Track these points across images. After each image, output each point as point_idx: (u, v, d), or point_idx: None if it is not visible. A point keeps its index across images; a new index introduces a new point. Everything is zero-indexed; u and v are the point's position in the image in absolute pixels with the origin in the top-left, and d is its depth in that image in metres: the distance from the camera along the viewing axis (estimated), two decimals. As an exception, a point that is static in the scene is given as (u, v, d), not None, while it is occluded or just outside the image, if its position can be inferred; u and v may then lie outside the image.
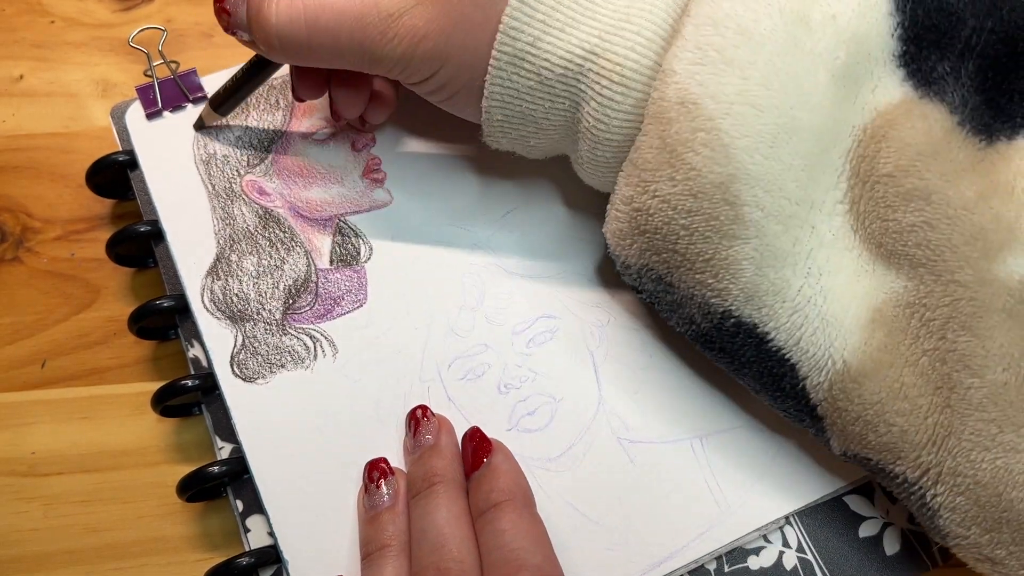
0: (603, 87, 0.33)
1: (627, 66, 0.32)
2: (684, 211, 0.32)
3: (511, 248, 0.42)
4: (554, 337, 0.40)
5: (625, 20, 0.33)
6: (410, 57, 0.34)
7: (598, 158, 0.35)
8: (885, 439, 0.33)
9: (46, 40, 0.48)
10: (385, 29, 0.34)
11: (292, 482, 0.37)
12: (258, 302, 0.40)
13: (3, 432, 0.41)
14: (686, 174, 0.31)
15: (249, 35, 0.36)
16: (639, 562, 0.37)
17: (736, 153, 0.31)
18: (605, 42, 0.33)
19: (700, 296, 0.34)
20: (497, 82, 0.34)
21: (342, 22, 0.34)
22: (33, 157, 0.45)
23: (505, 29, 0.33)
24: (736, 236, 0.32)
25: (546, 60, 0.33)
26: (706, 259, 0.32)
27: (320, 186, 0.42)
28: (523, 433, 0.38)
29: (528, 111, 0.35)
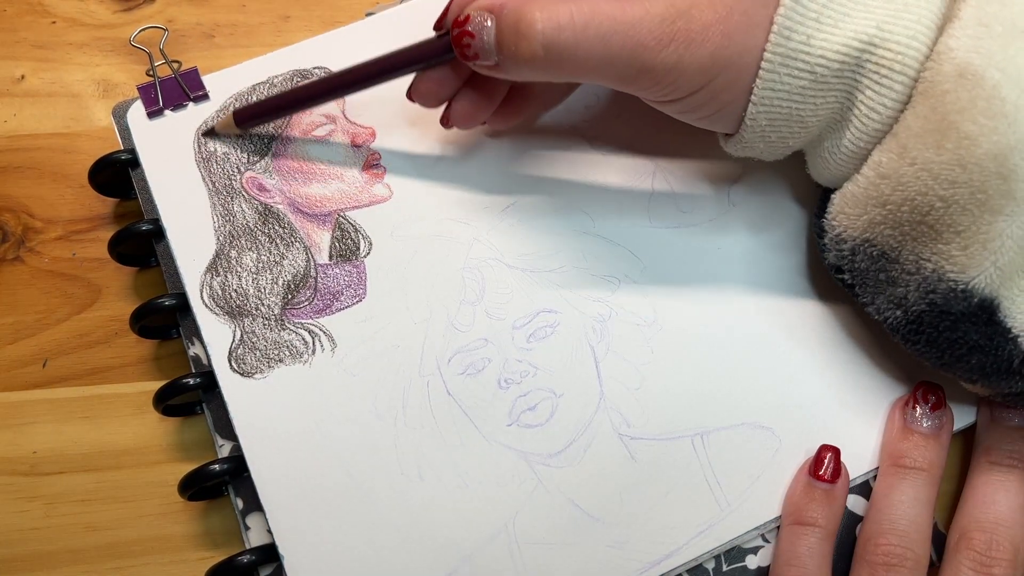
0: (881, 76, 0.32)
1: (908, 54, 0.31)
2: (947, 181, 0.31)
3: (511, 242, 0.41)
4: (555, 332, 0.40)
5: (903, 8, 0.31)
6: (685, 66, 0.33)
7: (856, 149, 0.34)
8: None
9: (47, 40, 0.48)
10: (661, 35, 0.32)
11: (289, 477, 0.37)
12: (257, 297, 0.40)
13: (4, 431, 0.41)
14: (957, 143, 0.30)
15: (496, 58, 0.34)
16: (639, 559, 0.36)
17: (1021, 123, 0.29)
18: (884, 32, 0.31)
19: (932, 271, 0.32)
20: (768, 86, 0.33)
21: (615, 27, 0.32)
22: (34, 157, 0.46)
23: (779, 29, 0.32)
24: (1000, 211, 0.30)
25: (821, 57, 0.32)
26: (958, 231, 0.31)
27: (320, 182, 0.42)
28: (523, 429, 0.38)
29: (795, 111, 0.34)
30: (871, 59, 0.32)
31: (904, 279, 0.34)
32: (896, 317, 0.35)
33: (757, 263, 0.42)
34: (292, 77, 0.44)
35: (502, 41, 0.33)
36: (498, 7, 0.33)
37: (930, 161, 0.31)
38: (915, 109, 0.31)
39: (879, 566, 0.35)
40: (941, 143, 0.30)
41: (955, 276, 0.32)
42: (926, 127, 0.31)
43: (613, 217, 0.42)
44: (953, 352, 0.34)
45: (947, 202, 0.31)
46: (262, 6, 0.49)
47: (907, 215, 0.32)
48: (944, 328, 0.33)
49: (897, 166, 0.32)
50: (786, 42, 0.32)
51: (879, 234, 0.34)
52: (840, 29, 0.32)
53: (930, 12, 0.31)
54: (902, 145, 0.32)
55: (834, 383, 0.40)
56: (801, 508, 0.36)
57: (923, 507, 0.36)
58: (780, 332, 0.40)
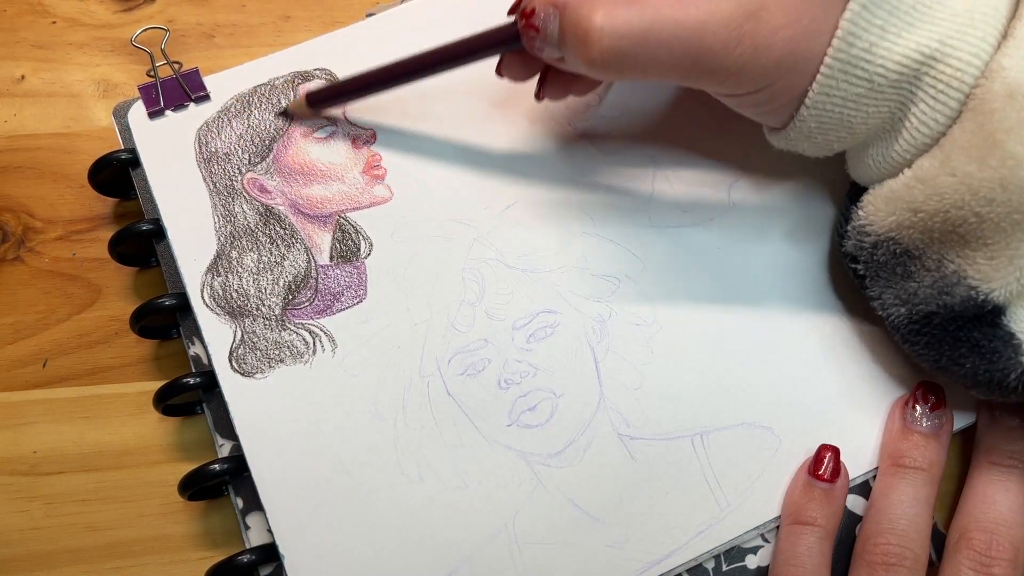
0: (939, 91, 0.31)
1: (967, 71, 0.31)
2: (985, 198, 0.30)
3: (511, 243, 0.41)
4: (555, 332, 0.40)
5: (969, 24, 0.31)
6: (750, 68, 0.32)
7: (901, 159, 0.34)
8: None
9: (47, 41, 0.48)
10: (727, 38, 0.31)
11: (289, 477, 0.37)
12: (258, 298, 0.40)
13: (4, 431, 0.41)
14: (1002, 161, 0.30)
15: (560, 51, 0.34)
16: (639, 559, 0.37)
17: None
18: (947, 46, 0.31)
19: (952, 272, 0.32)
20: (825, 90, 0.32)
21: (678, 32, 0.31)
22: (35, 157, 0.46)
23: (843, 35, 0.31)
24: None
25: (881, 66, 0.31)
26: (987, 243, 0.31)
27: (321, 183, 0.42)
28: (523, 429, 0.38)
29: (846, 117, 0.33)
30: (930, 72, 0.31)
31: (920, 275, 0.34)
32: (900, 314, 0.35)
33: (757, 263, 0.42)
34: (293, 78, 0.44)
35: (564, 41, 0.33)
36: (562, 4, 0.33)
37: (971, 176, 0.30)
38: (963, 124, 0.31)
39: (878, 566, 0.35)
40: (985, 159, 0.30)
41: (976, 283, 0.32)
42: (972, 142, 0.30)
43: (613, 217, 0.42)
44: (952, 354, 0.34)
45: (981, 218, 0.31)
46: (262, 6, 0.49)
47: (939, 224, 0.32)
48: (952, 329, 0.33)
49: (936, 173, 0.32)
50: (848, 48, 0.31)
51: (906, 235, 0.34)
52: (903, 39, 0.31)
53: (995, 30, 0.31)
54: (945, 154, 0.31)
55: (834, 383, 0.40)
56: (800, 507, 0.37)
57: (923, 507, 0.36)
58: (780, 332, 0.40)
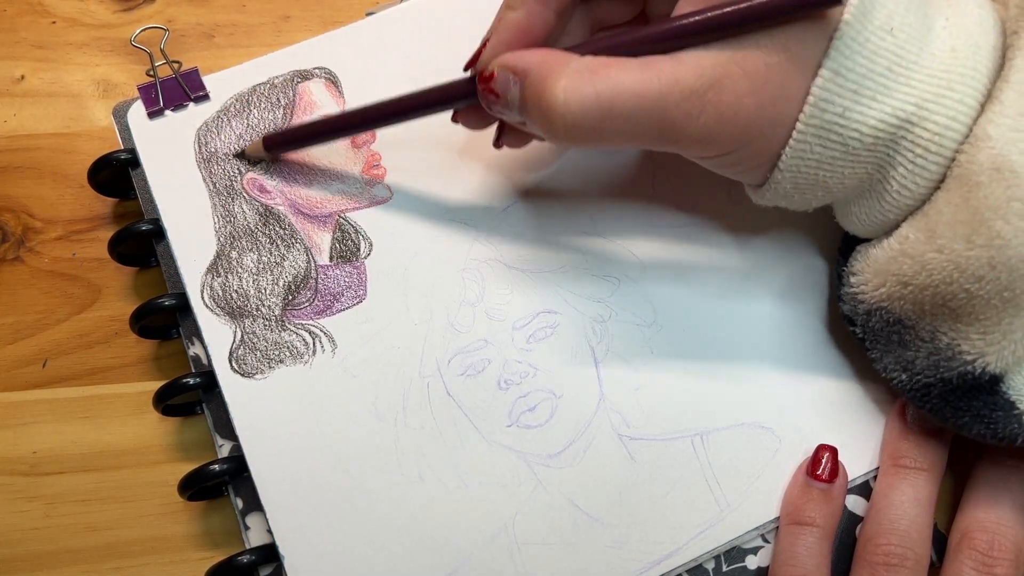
0: (916, 155, 0.31)
1: (946, 135, 0.30)
2: (973, 277, 0.30)
3: (511, 243, 0.41)
4: (555, 333, 0.40)
5: (946, 87, 0.30)
6: (715, 136, 0.31)
7: (886, 219, 0.34)
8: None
9: (47, 41, 0.48)
10: (689, 108, 0.30)
11: (289, 478, 0.37)
12: (257, 298, 0.40)
13: (4, 431, 0.41)
14: (989, 241, 0.29)
15: (521, 116, 0.33)
16: (638, 560, 0.37)
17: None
18: (923, 110, 0.30)
19: (946, 345, 0.32)
20: (798, 154, 0.32)
21: (640, 104, 0.30)
22: (34, 157, 0.46)
23: (815, 101, 0.30)
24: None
25: (855, 131, 0.31)
26: (979, 319, 0.31)
27: (320, 183, 0.42)
28: (523, 429, 0.38)
29: (822, 179, 0.33)
30: (907, 136, 0.31)
31: (916, 344, 0.34)
32: (902, 380, 0.35)
33: (758, 263, 0.42)
34: (293, 78, 0.44)
35: (527, 108, 0.32)
36: (522, 71, 0.32)
37: (958, 254, 0.30)
38: (947, 194, 0.31)
39: (879, 566, 0.35)
40: (971, 237, 0.30)
41: (971, 357, 0.32)
42: (957, 217, 0.30)
43: (613, 217, 0.42)
44: (956, 422, 0.34)
45: (971, 294, 0.30)
46: (262, 6, 0.49)
47: (928, 298, 0.32)
48: (952, 399, 0.33)
49: (924, 249, 0.31)
50: (821, 114, 0.31)
51: (897, 306, 0.33)
52: (878, 103, 0.30)
53: (974, 92, 0.30)
54: (931, 228, 0.31)
55: (834, 383, 0.40)
56: (799, 508, 0.37)
57: (923, 507, 0.36)
58: (780, 332, 0.40)
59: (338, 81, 0.44)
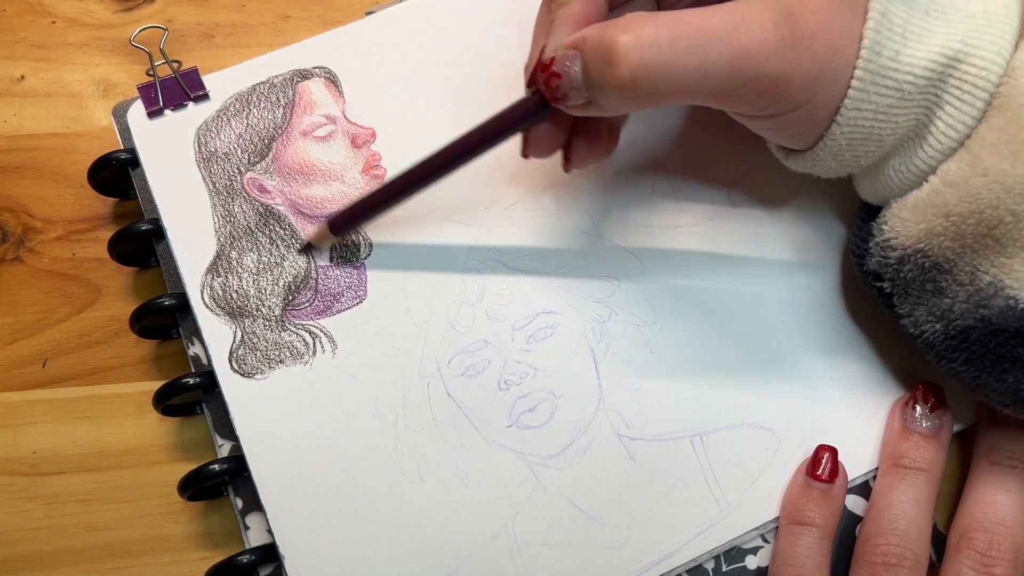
0: (964, 92, 0.31)
1: (992, 70, 0.30)
2: (1021, 195, 0.29)
3: (512, 243, 0.41)
4: (555, 333, 0.40)
5: (985, 23, 0.30)
6: (793, 77, 0.30)
7: (925, 167, 0.33)
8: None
9: (47, 41, 0.48)
10: (765, 39, 0.29)
11: (290, 478, 0.37)
12: (258, 298, 0.40)
13: (4, 432, 0.41)
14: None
15: (586, 95, 0.32)
16: (638, 560, 0.37)
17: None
18: (968, 46, 0.30)
19: (988, 283, 0.32)
20: (856, 105, 0.31)
21: (709, 37, 0.29)
22: (34, 157, 0.46)
23: (870, 44, 0.30)
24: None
25: (909, 73, 0.30)
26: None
27: (320, 183, 0.42)
28: (523, 430, 0.38)
29: (876, 130, 0.32)
30: (955, 74, 0.31)
31: (953, 290, 0.33)
32: (935, 331, 0.34)
33: (757, 263, 0.42)
34: (292, 77, 0.44)
35: (589, 73, 0.31)
36: (580, 41, 0.31)
37: (1004, 173, 0.30)
38: (989, 122, 0.31)
39: (878, 566, 0.35)
40: (1018, 155, 0.29)
41: (1015, 292, 0.31)
42: (1001, 139, 0.30)
43: (613, 217, 0.42)
44: (993, 370, 0.33)
45: (1018, 216, 0.30)
46: (262, 6, 0.49)
47: (972, 227, 0.31)
48: (993, 345, 0.32)
49: (967, 175, 0.31)
50: (876, 58, 0.30)
51: (936, 245, 0.33)
52: (925, 44, 0.30)
53: (1011, 27, 0.31)
54: (974, 155, 0.31)
55: (834, 383, 0.40)
56: (799, 508, 0.37)
57: (923, 507, 0.36)
58: (780, 332, 0.40)
59: (338, 80, 0.44)
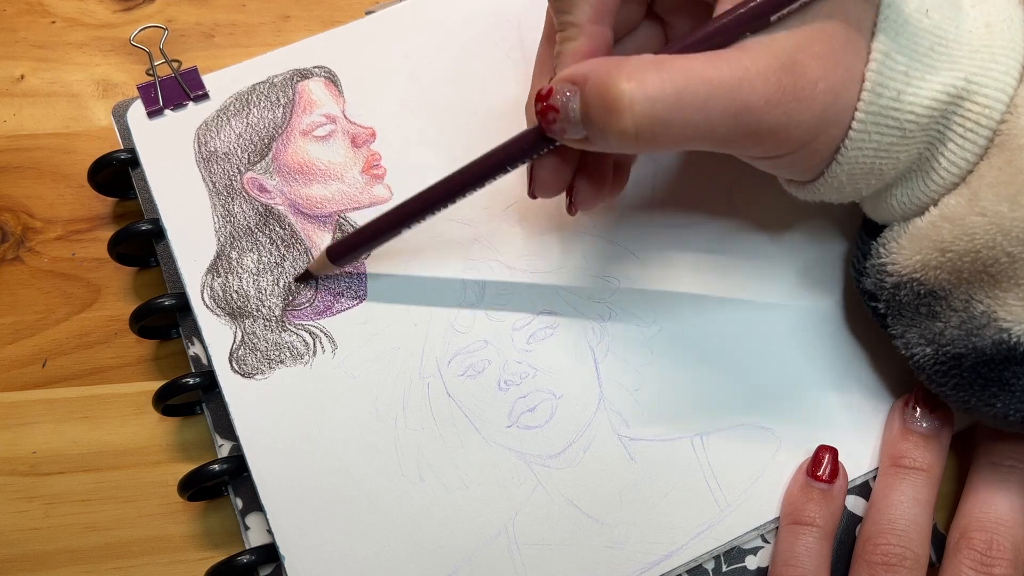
0: (967, 130, 0.31)
1: (995, 107, 0.30)
2: (1017, 239, 0.29)
3: (512, 243, 0.41)
4: (555, 333, 0.40)
5: (990, 59, 0.30)
6: (793, 126, 0.30)
7: (927, 199, 0.33)
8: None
9: (47, 40, 0.48)
10: (767, 94, 0.29)
11: (289, 478, 0.37)
12: (258, 299, 0.40)
13: (4, 432, 0.41)
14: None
15: (584, 130, 0.31)
16: (638, 560, 0.37)
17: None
18: (972, 84, 0.30)
19: (982, 312, 0.32)
20: (857, 145, 0.31)
21: (714, 92, 0.28)
22: (34, 157, 0.46)
23: (871, 86, 0.30)
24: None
25: (911, 112, 0.30)
26: (1019, 283, 0.30)
27: (320, 183, 0.42)
28: (523, 430, 0.38)
29: (877, 165, 0.32)
30: (958, 111, 0.31)
31: (946, 314, 0.33)
32: (925, 355, 0.34)
33: (757, 263, 0.41)
34: (292, 76, 0.44)
35: (589, 115, 0.30)
36: (581, 78, 0.30)
37: (1002, 216, 0.30)
38: (990, 160, 0.30)
39: (878, 566, 0.35)
40: (1016, 198, 0.29)
41: (1007, 324, 0.31)
42: (1000, 179, 0.30)
43: (613, 217, 0.42)
44: (982, 395, 0.33)
45: (1013, 258, 0.30)
46: (262, 6, 0.49)
47: (968, 264, 0.31)
48: (983, 371, 0.33)
49: (965, 212, 0.31)
50: (878, 99, 0.30)
51: (932, 276, 0.33)
52: (928, 83, 0.30)
53: (1016, 63, 0.30)
54: (973, 192, 0.31)
55: (834, 383, 0.40)
56: (799, 508, 0.37)
57: (922, 507, 0.36)
58: (780, 332, 0.40)
59: (338, 80, 0.44)
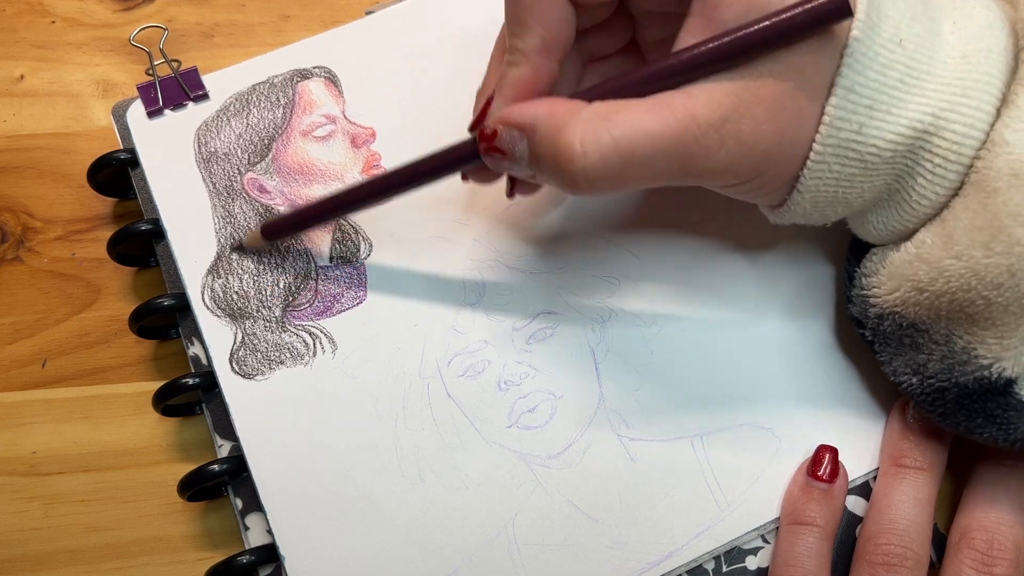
0: (936, 165, 0.30)
1: (965, 143, 0.30)
2: (992, 284, 0.29)
3: (512, 244, 0.41)
4: (555, 333, 0.40)
5: (961, 95, 0.30)
6: (737, 166, 0.30)
7: (903, 228, 0.33)
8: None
9: (47, 40, 0.48)
10: (709, 143, 0.29)
11: (290, 479, 0.37)
12: (258, 299, 0.40)
13: (4, 432, 0.41)
14: (1008, 248, 0.29)
15: (531, 171, 0.31)
16: (638, 560, 0.37)
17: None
18: (940, 119, 0.30)
19: (962, 348, 0.32)
20: (816, 175, 0.31)
21: (659, 147, 0.29)
22: (34, 157, 0.46)
23: (831, 121, 0.30)
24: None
25: (873, 146, 0.30)
26: (998, 325, 0.30)
27: (320, 183, 0.42)
28: (523, 430, 0.38)
29: (841, 195, 0.32)
30: (925, 146, 0.30)
31: (929, 347, 0.33)
32: (912, 384, 0.34)
33: (758, 263, 0.41)
34: (292, 76, 0.44)
35: (538, 161, 0.31)
36: (529, 126, 0.30)
37: (977, 261, 0.30)
38: (965, 200, 0.30)
39: (879, 566, 0.35)
40: (990, 244, 0.29)
41: (987, 361, 0.31)
42: (975, 223, 0.30)
43: (613, 217, 0.42)
44: (969, 424, 0.33)
45: (989, 301, 0.30)
46: (262, 6, 0.49)
47: (945, 304, 0.31)
48: (966, 403, 0.33)
49: (941, 255, 0.31)
50: (837, 133, 0.30)
51: (911, 311, 0.33)
52: (894, 116, 0.30)
53: (990, 97, 0.30)
54: (948, 234, 0.31)
55: (834, 383, 0.40)
56: (799, 508, 0.37)
57: (923, 507, 0.36)
58: (780, 332, 0.40)
59: (338, 80, 0.44)
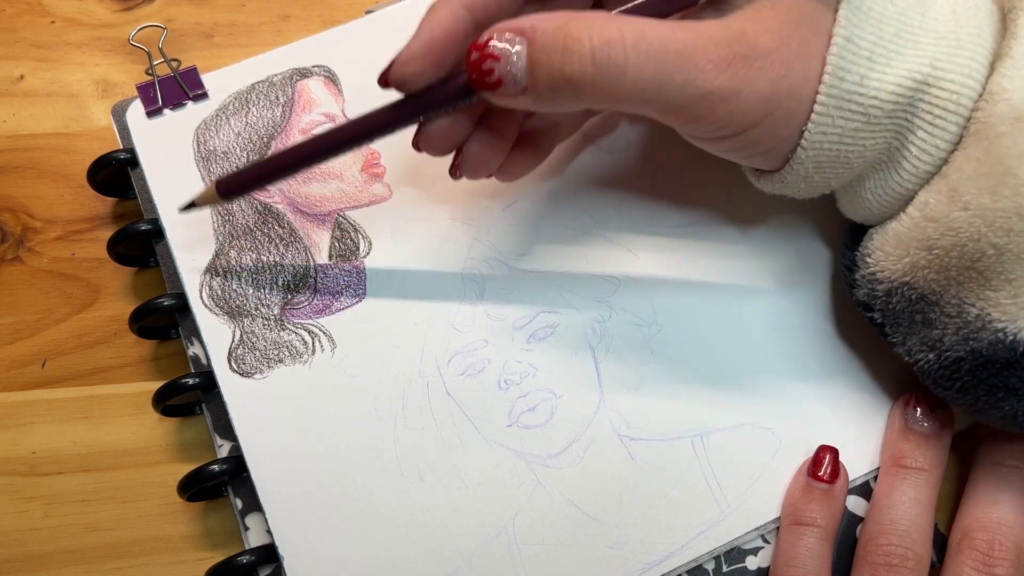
0: (935, 117, 0.31)
1: (964, 93, 0.30)
2: (1002, 229, 0.29)
3: (512, 242, 0.41)
4: (555, 333, 0.40)
5: (956, 45, 0.30)
6: (744, 95, 0.30)
7: (903, 191, 0.33)
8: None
9: (47, 40, 0.48)
10: (718, 57, 0.29)
11: (289, 477, 0.37)
12: (256, 298, 0.40)
13: (3, 432, 0.41)
14: (1016, 189, 0.29)
15: (524, 84, 0.30)
16: (638, 560, 0.36)
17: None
18: (938, 70, 0.30)
19: (976, 316, 0.31)
20: (820, 129, 0.31)
21: (667, 47, 0.29)
22: (34, 157, 0.46)
23: (833, 70, 0.30)
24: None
25: (875, 98, 0.30)
26: (1009, 279, 0.30)
27: (319, 181, 0.42)
28: (523, 430, 0.38)
29: (843, 154, 0.32)
30: (925, 98, 0.30)
31: (942, 321, 0.33)
32: (928, 360, 0.34)
33: (758, 263, 0.41)
34: (292, 75, 0.44)
35: (537, 63, 0.30)
36: (529, 29, 0.30)
37: (984, 207, 0.29)
38: (967, 151, 0.30)
39: (880, 566, 0.35)
40: (997, 189, 0.29)
41: (1002, 324, 0.31)
42: (980, 171, 0.30)
43: (613, 217, 0.42)
44: (989, 399, 0.33)
45: (1000, 250, 0.30)
46: (262, 5, 0.49)
47: (955, 260, 0.31)
48: (985, 376, 0.32)
49: (947, 210, 0.31)
50: (840, 83, 0.30)
51: (921, 278, 0.32)
52: (893, 68, 0.30)
53: (984, 49, 0.30)
54: (952, 188, 0.31)
55: (834, 383, 0.40)
56: (800, 508, 0.36)
57: (924, 507, 0.36)
58: (780, 332, 0.40)
59: (337, 79, 0.44)
